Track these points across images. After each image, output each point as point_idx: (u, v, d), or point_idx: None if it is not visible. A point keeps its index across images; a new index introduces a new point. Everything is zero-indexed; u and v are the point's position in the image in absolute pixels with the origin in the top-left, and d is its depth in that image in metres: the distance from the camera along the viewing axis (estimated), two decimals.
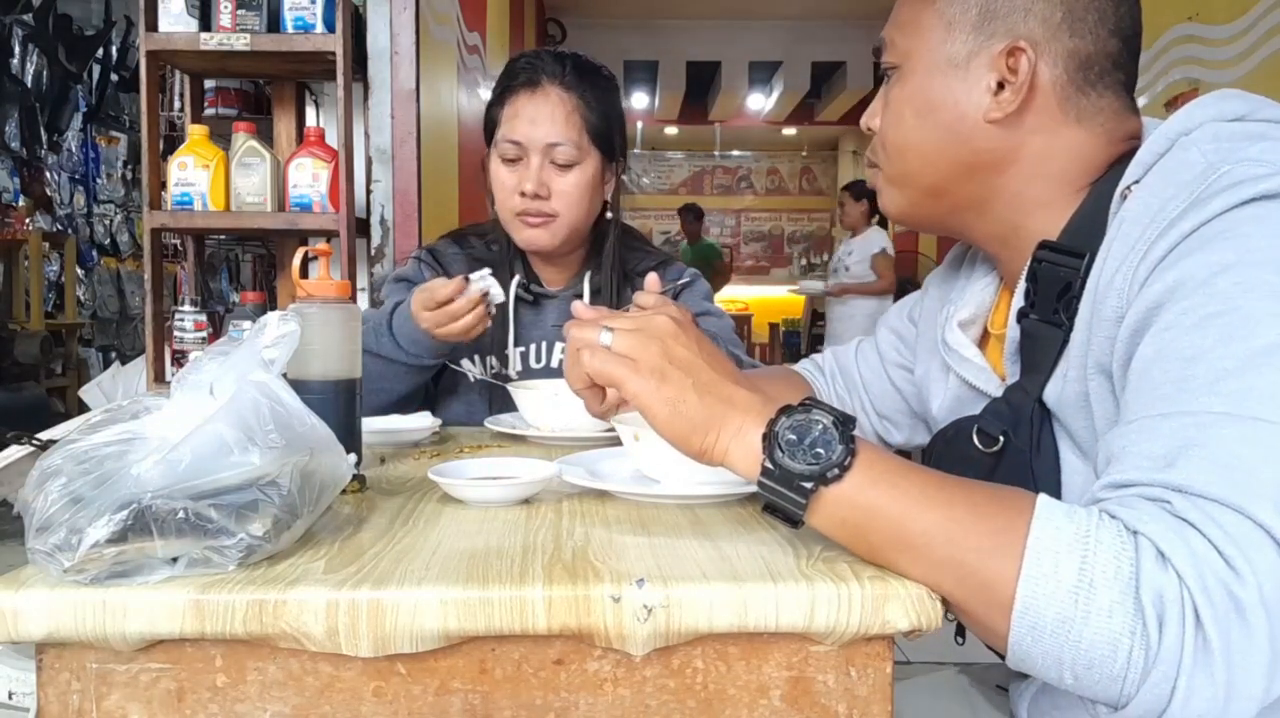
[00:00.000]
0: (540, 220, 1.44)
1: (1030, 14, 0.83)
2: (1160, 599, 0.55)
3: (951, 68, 0.85)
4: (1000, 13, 0.83)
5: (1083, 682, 0.58)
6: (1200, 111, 0.77)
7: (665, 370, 0.71)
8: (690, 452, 0.71)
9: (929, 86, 0.86)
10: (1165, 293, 0.67)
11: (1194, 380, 0.62)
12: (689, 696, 0.64)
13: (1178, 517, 0.57)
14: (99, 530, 0.60)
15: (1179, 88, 3.34)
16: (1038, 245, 0.83)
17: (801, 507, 0.65)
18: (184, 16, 2.24)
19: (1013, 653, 0.60)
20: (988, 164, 0.85)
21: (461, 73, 3.49)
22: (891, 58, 0.90)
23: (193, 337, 2.22)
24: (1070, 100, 0.83)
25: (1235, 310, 0.63)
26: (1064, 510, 0.60)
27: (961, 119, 0.85)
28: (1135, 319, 0.69)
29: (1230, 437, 0.59)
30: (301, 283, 0.93)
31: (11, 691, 1.35)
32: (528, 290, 1.52)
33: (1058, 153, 0.84)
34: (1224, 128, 0.75)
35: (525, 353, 1.53)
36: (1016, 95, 0.83)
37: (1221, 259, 0.65)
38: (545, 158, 1.42)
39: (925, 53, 0.87)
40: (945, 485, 0.65)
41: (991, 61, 0.83)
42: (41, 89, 5.64)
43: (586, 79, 1.45)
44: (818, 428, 0.66)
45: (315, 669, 0.63)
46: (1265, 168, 0.69)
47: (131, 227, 6.39)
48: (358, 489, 0.91)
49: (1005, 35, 0.83)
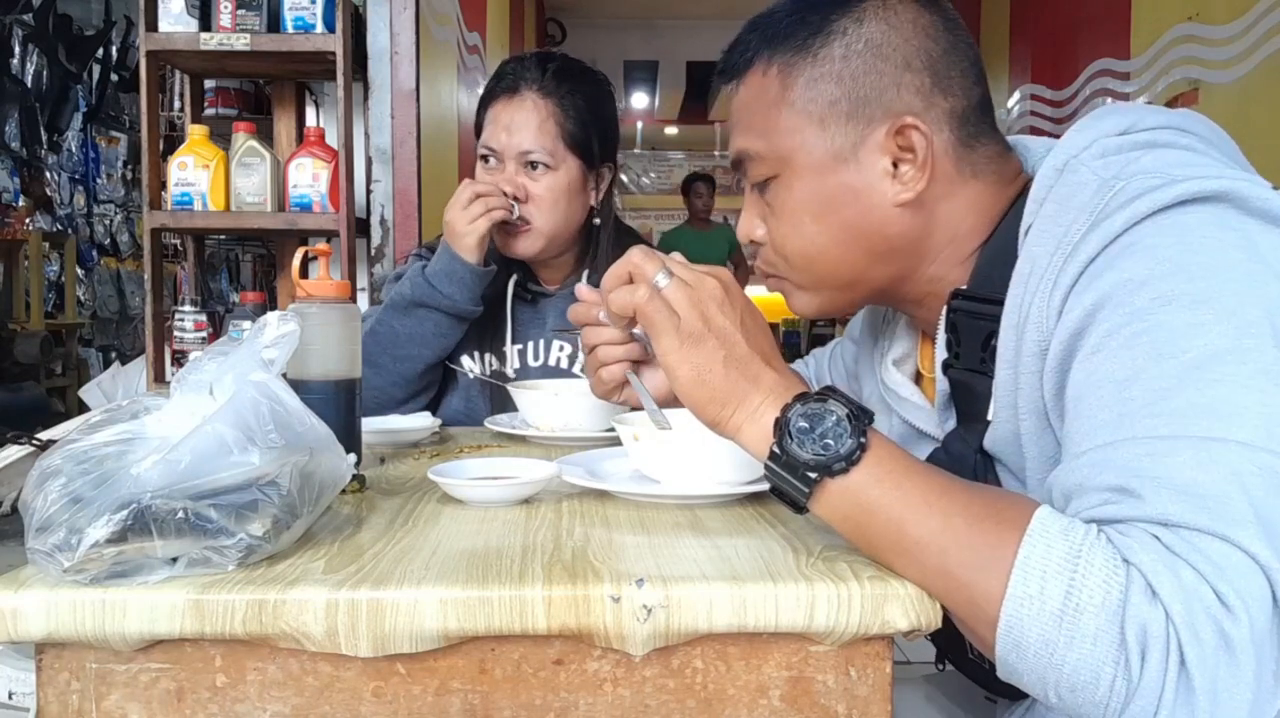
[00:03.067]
0: (518, 229, 1.45)
1: (902, 88, 0.81)
2: (1144, 633, 0.54)
3: (840, 163, 0.82)
4: (871, 96, 0.81)
5: (1067, 703, 0.58)
6: (1081, 136, 0.77)
7: (701, 336, 0.71)
8: (705, 419, 0.72)
9: (822, 187, 0.83)
10: (1085, 316, 0.67)
11: (1132, 403, 0.62)
12: (688, 696, 0.64)
13: (1169, 550, 0.56)
14: (99, 531, 0.60)
15: (1179, 88, 3.34)
16: (950, 295, 0.83)
17: (805, 495, 0.66)
18: (184, 16, 2.25)
19: (1001, 668, 0.60)
20: (902, 246, 0.84)
21: (461, 73, 3.49)
22: (762, 169, 0.86)
23: (193, 337, 2.22)
24: (963, 159, 0.83)
25: (1159, 326, 0.63)
26: (1060, 527, 0.59)
27: (869, 210, 0.82)
28: (1060, 348, 0.69)
29: (1184, 462, 0.58)
30: (301, 283, 0.93)
31: (11, 691, 1.35)
32: (525, 289, 1.53)
33: (963, 212, 0.83)
34: (1110, 142, 0.75)
35: (523, 350, 1.53)
36: (921, 171, 0.81)
37: (1134, 275, 0.65)
38: (519, 164, 1.44)
39: (804, 154, 0.83)
40: (948, 492, 0.64)
41: (881, 145, 0.81)
42: (41, 89, 5.64)
43: (568, 84, 1.45)
44: (831, 418, 0.65)
45: (315, 669, 0.63)
46: (1159, 178, 0.68)
47: (131, 227, 6.39)
48: (357, 489, 0.91)
49: (885, 116, 0.81)
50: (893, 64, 0.81)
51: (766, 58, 0.85)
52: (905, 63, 0.81)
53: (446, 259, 1.41)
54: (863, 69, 0.81)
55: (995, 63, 4.99)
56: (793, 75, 0.83)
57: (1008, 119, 4.77)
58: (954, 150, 0.82)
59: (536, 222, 1.45)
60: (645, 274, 0.74)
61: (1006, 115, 4.80)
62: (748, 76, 0.87)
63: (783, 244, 0.87)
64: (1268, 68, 2.89)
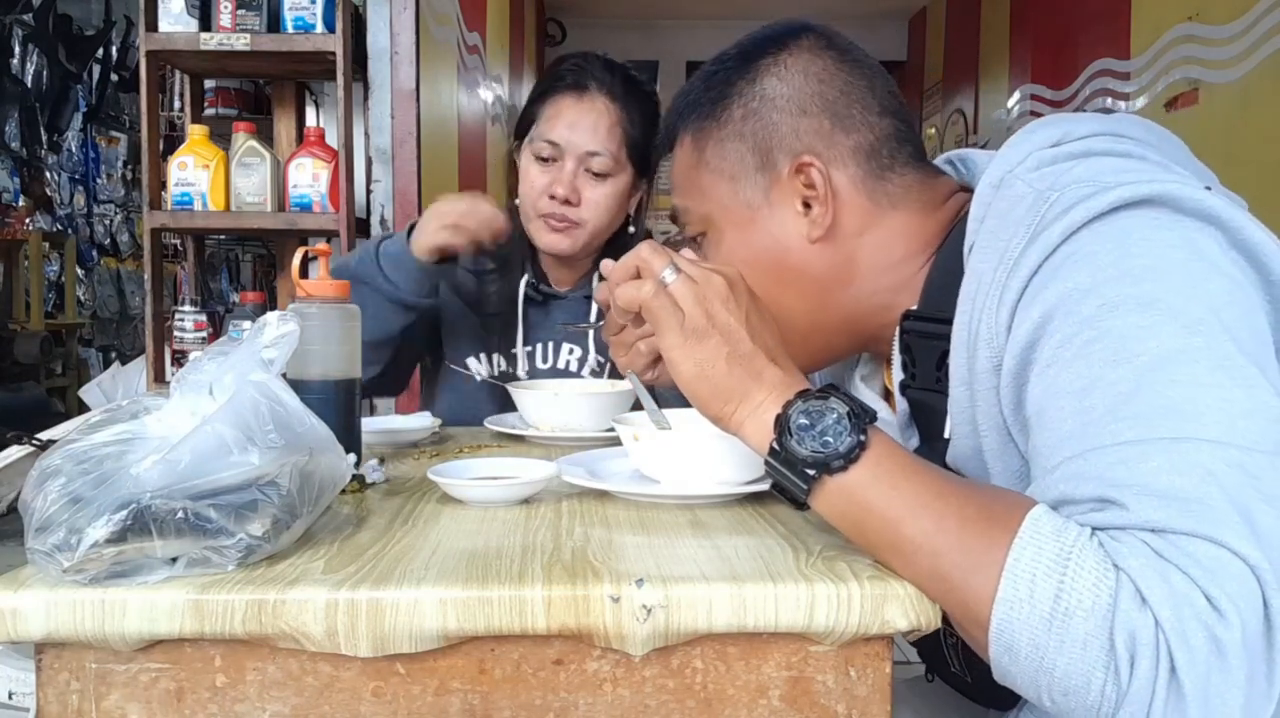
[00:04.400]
0: (564, 226, 1.43)
1: (799, 132, 0.85)
2: (1133, 640, 0.54)
3: (754, 212, 0.86)
4: (772, 145, 0.85)
5: (1061, 707, 0.57)
6: (1015, 150, 0.78)
7: (705, 332, 0.71)
8: (709, 415, 0.72)
9: (745, 239, 0.87)
10: (1035, 330, 0.67)
11: (1094, 412, 0.62)
12: (688, 696, 0.64)
13: (1159, 555, 0.56)
14: (98, 531, 0.60)
15: (1179, 88, 3.34)
16: (902, 316, 0.84)
17: (804, 491, 0.66)
18: (184, 16, 2.25)
19: (996, 671, 0.60)
20: (831, 282, 0.85)
21: (461, 73, 3.49)
22: (696, 226, 0.90)
23: (193, 337, 2.22)
24: (876, 191, 0.85)
25: (1108, 332, 0.63)
26: (1052, 528, 0.58)
27: (787, 252, 0.85)
28: (1013, 363, 0.69)
29: (1160, 467, 0.58)
30: (301, 283, 0.93)
31: (11, 691, 1.35)
32: (536, 290, 1.52)
33: (890, 241, 0.85)
34: (1044, 154, 0.76)
35: (532, 353, 1.53)
36: (826, 207, 0.83)
37: (1078, 284, 0.65)
38: (580, 164, 1.42)
39: (723, 211, 0.87)
40: (945, 493, 0.64)
41: (787, 187, 0.84)
42: (41, 89, 5.64)
43: (633, 94, 1.46)
44: (831, 416, 0.66)
45: (315, 669, 0.63)
46: (1091, 186, 0.69)
47: (131, 227, 6.39)
48: (357, 489, 0.91)
49: (786, 160, 0.85)
50: (787, 114, 0.85)
51: (684, 128, 0.91)
52: (800, 109, 0.85)
53: (401, 245, 1.36)
54: (758, 123, 0.86)
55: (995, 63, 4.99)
56: (703, 140, 0.89)
57: (1008, 119, 4.78)
58: (864, 183, 0.85)
59: (585, 225, 1.44)
60: (653, 269, 0.74)
61: (1006, 115, 4.80)
62: (676, 148, 0.93)
63: None
64: (1268, 68, 2.89)
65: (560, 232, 1.44)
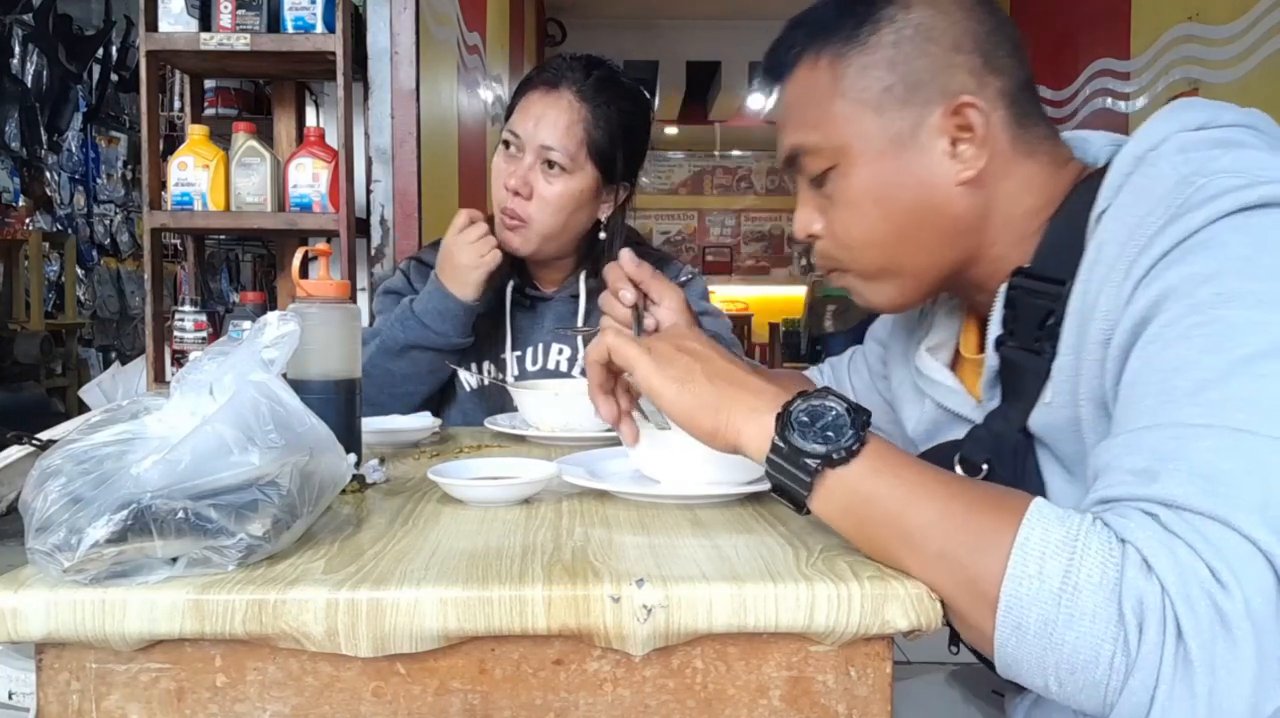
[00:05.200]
0: (514, 224, 1.43)
1: (954, 68, 0.82)
2: (1140, 606, 0.55)
3: (899, 147, 0.83)
4: (925, 78, 0.82)
5: (1067, 688, 0.58)
6: (1162, 126, 0.77)
7: (673, 357, 0.76)
8: (702, 431, 0.73)
9: (883, 172, 0.83)
10: (1150, 307, 0.67)
11: (1176, 392, 0.62)
12: (688, 696, 0.64)
13: (1166, 529, 0.57)
14: (99, 531, 0.60)
15: (1179, 88, 3.34)
16: (1012, 272, 0.83)
17: (807, 486, 0.66)
18: (184, 16, 2.24)
19: (1000, 656, 0.60)
20: (966, 226, 0.84)
21: (461, 73, 3.49)
22: (820, 161, 0.86)
23: (193, 337, 2.22)
24: (1017, 138, 0.84)
25: (1218, 320, 0.63)
26: (1057, 514, 0.60)
27: (932, 191, 0.83)
28: (1123, 338, 0.69)
29: (1210, 448, 0.59)
30: (301, 283, 0.93)
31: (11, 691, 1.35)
32: (523, 294, 1.52)
33: (1020, 191, 0.84)
34: (1189, 138, 0.75)
35: (521, 357, 1.53)
36: (981, 149, 0.82)
37: (1203, 270, 0.65)
38: (538, 158, 1.42)
39: (863, 142, 0.84)
40: (947, 482, 0.66)
41: (939, 126, 0.82)
42: (41, 89, 5.63)
43: (606, 94, 1.44)
44: (831, 414, 0.67)
45: (315, 669, 0.63)
46: (1241, 178, 0.68)
47: (131, 226, 6.38)
48: (358, 489, 0.91)
49: (941, 97, 0.82)
50: (942, 46, 0.82)
51: (815, 51, 0.86)
52: (955, 44, 0.82)
53: (440, 297, 1.40)
54: (914, 53, 0.82)
55: None
56: (844, 65, 0.84)
57: None
58: (1008, 129, 0.83)
59: (533, 223, 1.42)
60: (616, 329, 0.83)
61: None
62: (796, 72, 0.88)
63: (846, 234, 0.87)
64: (1268, 68, 2.89)
65: (512, 229, 1.44)
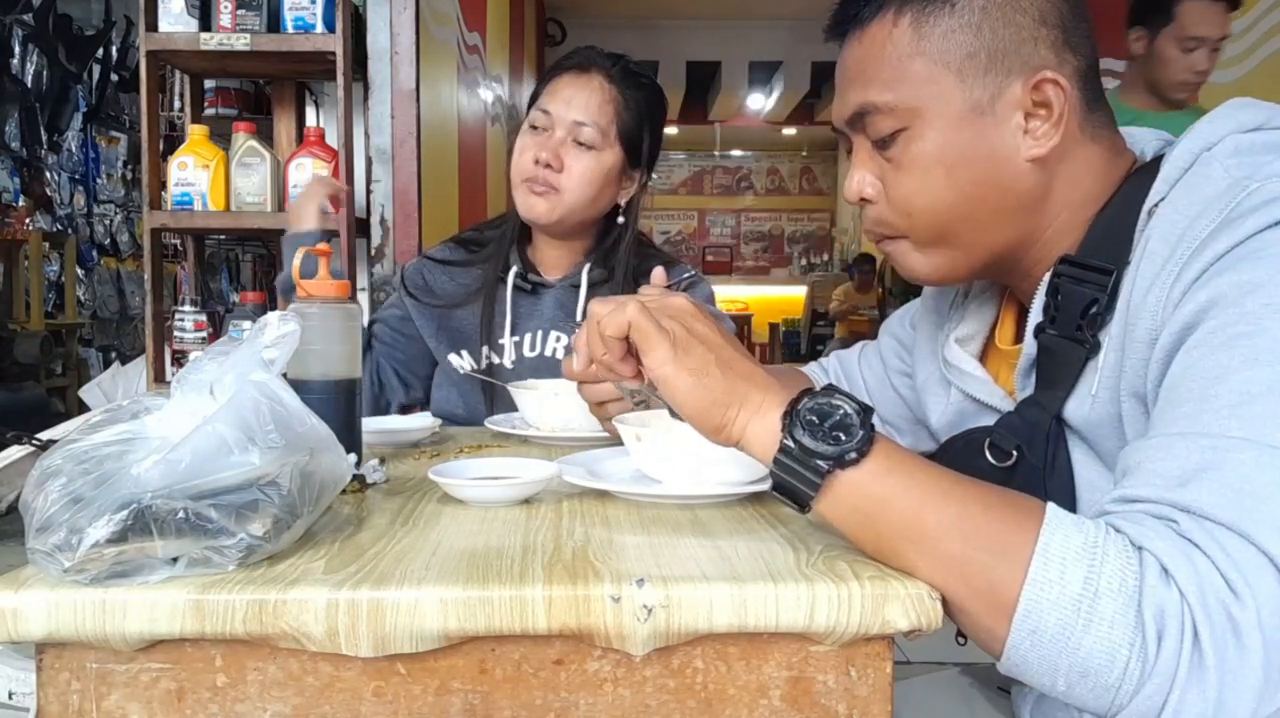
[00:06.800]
0: (544, 190, 1.46)
1: (1038, 42, 0.80)
2: (1161, 614, 0.55)
3: (977, 115, 0.80)
4: (1009, 49, 0.80)
5: (1074, 690, 0.58)
6: (1220, 124, 0.77)
7: (689, 344, 0.72)
8: (708, 427, 0.71)
9: (958, 139, 0.81)
10: (1197, 313, 0.67)
11: (1216, 401, 0.62)
12: (689, 696, 0.64)
13: (1183, 536, 0.58)
14: (99, 530, 0.60)
15: None
16: (1058, 260, 0.82)
17: (815, 487, 0.65)
18: (184, 16, 2.24)
19: (1008, 657, 0.60)
20: (1028, 204, 0.82)
21: (461, 73, 3.49)
22: (890, 122, 0.83)
23: (193, 337, 2.22)
24: (1086, 120, 0.83)
25: (1263, 333, 0.63)
26: (1073, 521, 0.60)
27: (1001, 164, 0.81)
28: (1169, 340, 0.69)
29: (1245, 462, 0.59)
30: (301, 283, 0.93)
31: (11, 691, 1.35)
32: (525, 279, 1.53)
33: (1081, 175, 0.83)
34: (1243, 139, 0.75)
35: (520, 342, 1.54)
36: (1055, 127, 0.80)
37: (1252, 279, 0.65)
38: (569, 134, 1.46)
39: (940, 105, 0.81)
40: (960, 482, 0.65)
41: (1017, 99, 0.80)
42: (41, 89, 5.63)
43: (633, 82, 1.51)
44: (839, 413, 0.66)
45: (315, 669, 0.63)
46: None
47: (131, 226, 6.38)
48: (358, 489, 0.91)
49: (1022, 69, 0.80)
50: (1029, 18, 0.80)
51: (896, 8, 0.83)
52: (1040, 17, 0.81)
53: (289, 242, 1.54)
54: (1001, 21, 0.80)
55: None
56: (929, 25, 0.82)
57: None
58: (1080, 110, 0.82)
59: (564, 192, 1.46)
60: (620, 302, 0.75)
61: None
62: (871, 27, 0.85)
63: (908, 199, 0.84)
64: (1268, 68, 2.89)
65: (540, 195, 1.47)
